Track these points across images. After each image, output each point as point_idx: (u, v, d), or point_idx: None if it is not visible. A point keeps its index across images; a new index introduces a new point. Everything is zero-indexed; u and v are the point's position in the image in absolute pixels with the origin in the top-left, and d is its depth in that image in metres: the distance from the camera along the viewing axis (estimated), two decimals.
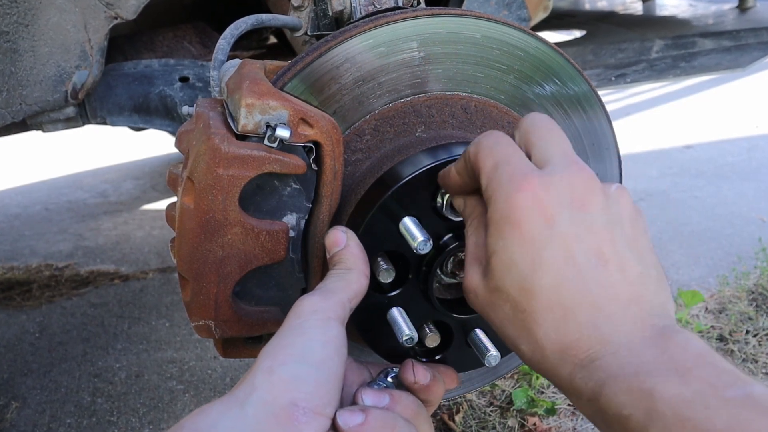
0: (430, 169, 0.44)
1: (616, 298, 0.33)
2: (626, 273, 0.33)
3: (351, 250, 0.42)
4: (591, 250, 0.33)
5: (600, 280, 0.33)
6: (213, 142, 0.42)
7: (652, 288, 0.34)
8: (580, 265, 0.33)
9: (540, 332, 0.33)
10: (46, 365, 1.38)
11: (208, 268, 0.44)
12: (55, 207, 2.40)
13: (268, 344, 0.36)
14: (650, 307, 0.33)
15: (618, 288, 0.33)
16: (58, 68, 0.74)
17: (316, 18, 0.61)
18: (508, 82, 0.50)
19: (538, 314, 0.33)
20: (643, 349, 0.31)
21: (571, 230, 0.33)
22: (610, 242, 0.34)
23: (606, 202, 0.35)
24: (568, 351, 0.33)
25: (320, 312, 0.37)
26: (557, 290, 0.33)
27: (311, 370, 0.33)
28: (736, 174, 2.27)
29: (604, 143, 0.55)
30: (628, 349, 0.31)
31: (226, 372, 1.32)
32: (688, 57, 1.14)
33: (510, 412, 1.13)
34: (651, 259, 0.35)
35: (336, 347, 0.35)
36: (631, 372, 0.30)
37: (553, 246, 0.33)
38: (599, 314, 0.32)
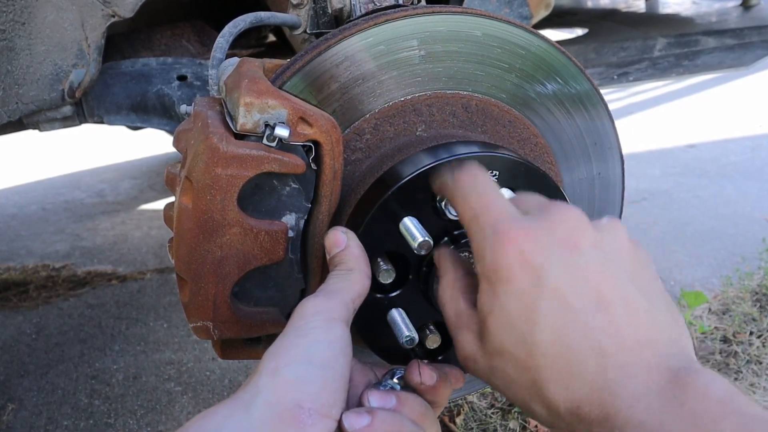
0: (430, 169, 0.44)
1: (623, 344, 0.30)
2: (632, 314, 0.31)
3: (352, 250, 0.42)
4: (589, 295, 0.31)
5: (604, 327, 0.30)
6: (211, 142, 0.41)
7: (664, 325, 0.31)
8: (579, 313, 0.31)
9: (549, 390, 0.31)
10: (42, 366, 1.37)
11: (207, 269, 0.43)
12: (52, 207, 2.39)
13: (272, 346, 0.35)
14: (664, 348, 0.30)
15: (625, 332, 0.30)
16: (54, 67, 0.73)
17: (315, 16, 0.60)
18: (509, 81, 0.50)
19: (544, 371, 0.31)
20: (660, 404, 0.28)
21: (563, 276, 0.31)
22: (609, 282, 0.31)
23: (598, 238, 0.33)
24: (581, 408, 0.30)
25: (323, 313, 0.36)
26: (559, 344, 0.31)
27: (316, 370, 0.33)
28: (740, 173, 2.26)
29: (607, 142, 0.55)
30: (644, 404, 0.28)
31: (225, 373, 1.31)
32: (691, 55, 1.13)
33: (511, 414, 1.12)
34: (658, 293, 0.33)
35: (341, 348, 0.35)
36: (652, 429, 0.28)
37: (546, 297, 0.31)
38: (608, 366, 0.30)
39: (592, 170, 0.55)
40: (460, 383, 0.46)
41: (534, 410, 0.33)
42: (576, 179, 0.55)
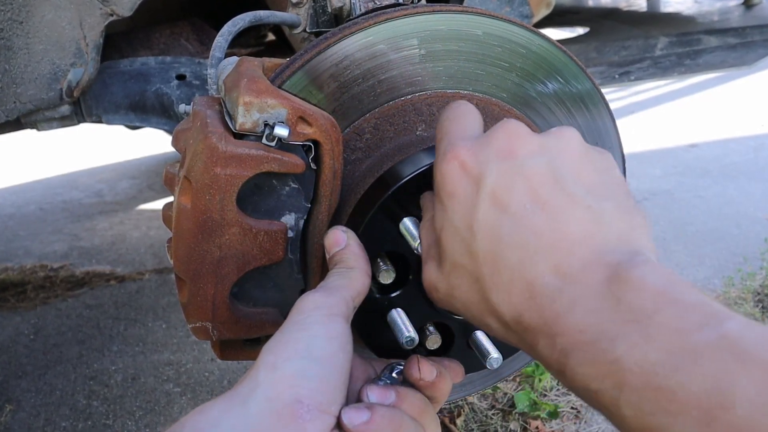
0: (430, 169, 0.44)
1: (559, 243, 0.29)
2: (571, 212, 0.29)
3: (352, 249, 0.41)
4: (524, 196, 0.30)
5: (539, 226, 0.29)
6: (210, 141, 0.41)
7: (606, 220, 0.29)
8: (514, 215, 0.30)
9: (493, 300, 0.30)
10: (40, 367, 1.37)
11: (206, 269, 0.43)
12: (50, 207, 2.38)
13: (270, 340, 0.35)
14: (603, 243, 0.28)
15: (561, 231, 0.29)
16: (53, 66, 0.73)
17: (315, 15, 0.60)
18: (510, 80, 0.50)
19: (487, 279, 0.30)
20: (599, 303, 0.26)
21: (500, 181, 0.30)
22: (548, 182, 0.30)
23: (540, 143, 0.31)
24: (523, 316, 0.29)
25: (323, 308, 0.35)
26: (497, 248, 0.30)
27: (315, 365, 0.32)
28: (742, 173, 2.25)
29: (608, 142, 0.55)
30: (583, 307, 0.27)
31: (224, 374, 1.31)
32: (693, 54, 1.13)
33: (512, 416, 1.12)
34: (610, 191, 0.30)
35: (341, 343, 0.34)
36: (591, 338, 0.26)
37: (483, 203, 0.31)
38: (542, 267, 0.29)
39: None
40: (460, 378, 0.45)
41: (489, 325, 0.32)
42: None
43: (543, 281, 0.29)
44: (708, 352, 0.23)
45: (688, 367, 0.23)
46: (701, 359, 0.23)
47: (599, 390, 0.26)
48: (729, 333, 0.23)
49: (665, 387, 0.23)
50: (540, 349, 0.29)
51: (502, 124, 0.33)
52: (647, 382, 0.24)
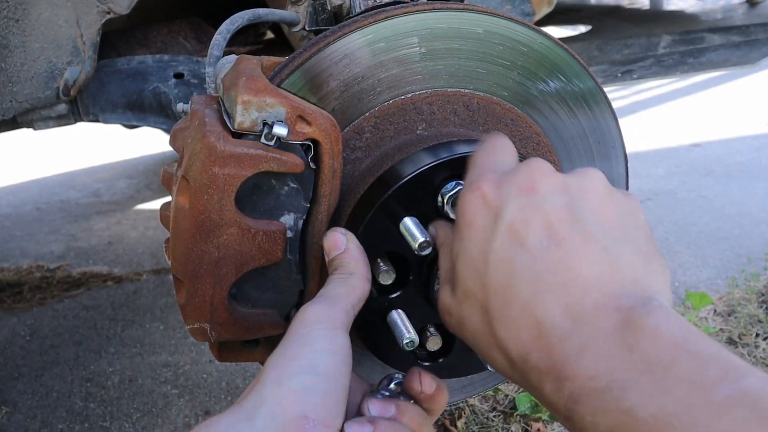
0: (431, 168, 0.43)
1: (572, 282, 0.28)
2: (586, 252, 0.28)
3: (351, 253, 0.41)
4: (541, 231, 0.29)
5: (553, 263, 0.28)
6: (208, 140, 0.41)
7: (621, 263, 0.28)
8: (530, 250, 0.29)
9: (501, 334, 0.30)
10: (37, 369, 1.36)
11: (204, 270, 0.43)
12: (47, 207, 2.37)
13: (273, 354, 0.35)
14: (618, 287, 0.28)
15: (576, 270, 0.28)
16: (49, 64, 0.72)
17: (314, 13, 0.60)
18: (511, 79, 0.50)
19: (497, 313, 0.30)
20: (610, 350, 0.26)
21: (519, 215, 0.30)
22: (567, 220, 0.29)
23: (563, 181, 0.31)
24: (530, 355, 0.29)
25: (326, 321, 0.36)
26: (509, 281, 0.29)
27: (320, 381, 0.33)
28: (746, 173, 2.24)
29: (610, 141, 0.54)
30: (593, 352, 0.26)
31: (222, 376, 1.30)
32: (696, 53, 1.13)
33: (513, 417, 1.12)
34: (631, 235, 0.30)
35: (343, 357, 0.34)
36: (602, 386, 0.25)
37: (501, 235, 0.30)
38: (556, 304, 0.28)
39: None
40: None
41: (495, 360, 0.31)
42: None
43: (553, 320, 0.28)
44: (728, 409, 0.22)
45: (707, 423, 0.22)
46: (721, 415, 0.22)
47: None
48: (749, 389, 0.23)
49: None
50: (546, 393, 0.28)
51: (528, 162, 0.33)
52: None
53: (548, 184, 0.31)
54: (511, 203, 0.31)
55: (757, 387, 0.23)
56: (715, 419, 0.22)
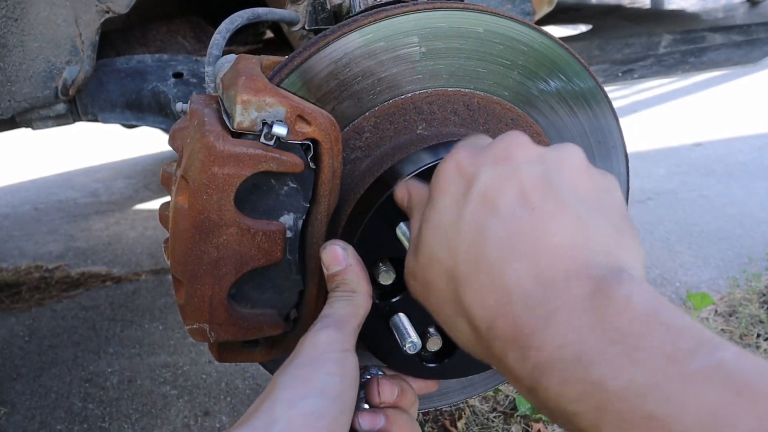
0: (431, 168, 0.43)
1: (544, 250, 0.27)
2: (559, 219, 0.27)
3: (354, 270, 0.41)
4: (514, 197, 0.28)
5: (525, 230, 0.27)
6: (208, 140, 0.40)
7: (594, 234, 0.27)
8: (502, 217, 0.28)
9: (467, 300, 0.29)
10: (35, 370, 1.35)
11: (203, 270, 0.42)
12: (45, 207, 2.36)
13: (284, 374, 0.36)
14: (590, 256, 0.27)
15: (548, 237, 0.27)
16: (48, 64, 0.72)
17: (313, 12, 0.60)
18: (511, 78, 0.49)
19: (464, 279, 0.29)
20: (580, 319, 0.25)
21: (492, 183, 0.29)
22: (541, 188, 0.29)
23: (541, 153, 0.30)
24: (496, 323, 0.27)
25: (336, 344, 0.37)
26: (479, 248, 0.28)
27: (330, 404, 0.34)
28: (747, 173, 2.23)
29: (611, 141, 0.54)
30: (562, 320, 0.25)
31: (222, 377, 1.30)
32: (698, 52, 1.13)
33: (514, 418, 1.11)
34: (605, 208, 0.29)
35: (351, 380, 0.36)
36: (570, 355, 0.24)
37: (473, 202, 0.29)
38: (526, 271, 0.27)
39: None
40: (436, 386, 0.47)
41: (459, 329, 0.30)
42: None
43: (522, 287, 0.27)
44: (701, 380, 0.22)
45: (681, 396, 0.21)
46: (694, 387, 0.21)
47: (577, 413, 0.24)
48: (724, 362, 0.22)
49: (656, 416, 0.22)
50: (509, 362, 0.27)
51: (506, 134, 0.33)
52: (634, 409, 0.22)
53: (524, 154, 0.30)
54: (485, 171, 0.30)
55: (732, 360, 0.22)
56: (689, 391, 0.21)
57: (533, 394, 0.26)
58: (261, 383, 1.25)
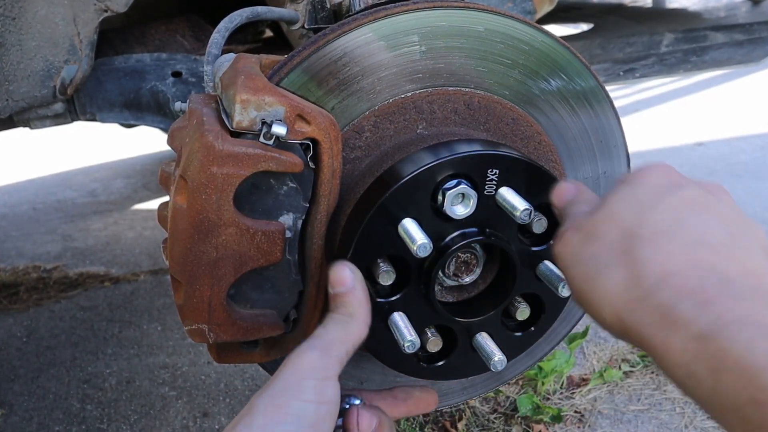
0: (431, 168, 0.43)
1: (747, 251, 0.31)
2: (752, 245, 0.32)
3: (356, 294, 0.42)
4: (715, 215, 0.33)
5: (728, 240, 0.32)
6: (207, 140, 0.40)
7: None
8: (705, 221, 0.32)
9: (643, 253, 0.32)
10: (33, 371, 1.35)
11: (202, 270, 0.42)
12: (43, 207, 2.35)
13: (262, 396, 0.37)
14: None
15: (748, 252, 0.31)
16: (46, 63, 0.72)
17: (313, 10, 0.59)
18: (512, 77, 0.49)
19: (650, 238, 0.32)
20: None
21: (700, 197, 0.34)
22: (736, 220, 0.34)
23: (733, 206, 0.36)
24: (672, 277, 0.30)
25: (318, 371, 0.38)
26: (678, 226, 0.32)
27: (306, 430, 0.35)
28: (750, 173, 2.22)
29: (612, 140, 0.54)
30: (757, 300, 0.27)
31: (220, 378, 1.30)
32: (699, 51, 1.13)
33: (514, 420, 1.11)
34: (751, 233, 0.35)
35: (329, 409, 0.37)
36: (765, 326, 0.26)
37: (678, 197, 0.34)
38: (721, 256, 0.30)
39: (598, 169, 0.54)
40: (432, 407, 0.47)
41: (610, 275, 0.32)
42: (581, 178, 0.54)
43: (715, 265, 0.30)
44: None
45: None
46: None
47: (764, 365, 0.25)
48: None
49: None
50: (679, 310, 0.28)
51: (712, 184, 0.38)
52: None
53: (725, 197, 0.36)
54: (695, 188, 0.35)
55: None
56: None
57: (701, 340, 0.27)
58: (260, 384, 1.25)
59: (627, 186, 0.36)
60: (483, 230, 0.45)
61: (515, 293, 0.48)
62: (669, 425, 1.11)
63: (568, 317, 0.57)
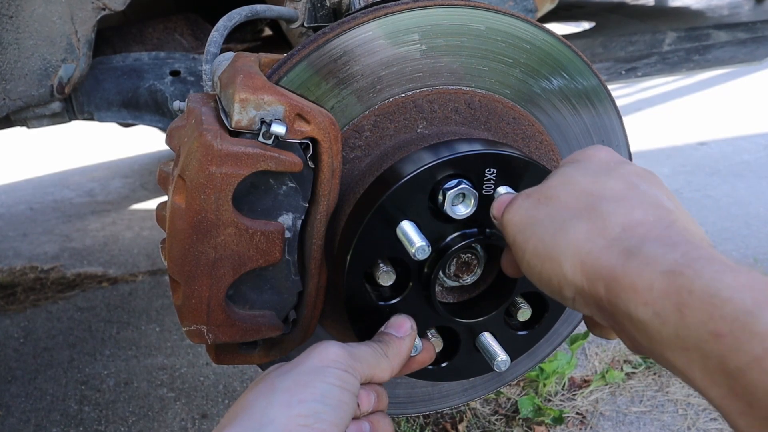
0: (431, 168, 0.43)
1: (692, 220, 0.34)
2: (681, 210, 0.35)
3: (402, 344, 0.43)
4: (661, 189, 0.36)
5: (677, 207, 0.34)
6: (205, 139, 0.40)
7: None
8: (655, 190, 0.35)
9: (606, 207, 0.33)
10: (31, 372, 1.34)
11: (200, 271, 0.42)
12: (41, 207, 2.35)
13: (284, 378, 0.37)
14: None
15: (693, 221, 0.34)
16: (43, 62, 0.71)
17: (313, 9, 0.59)
18: (513, 76, 0.49)
19: (610, 197, 0.34)
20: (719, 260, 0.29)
21: (644, 173, 0.37)
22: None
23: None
24: (637, 226, 0.32)
25: (343, 363, 0.38)
26: (634, 190, 0.35)
27: (329, 410, 0.35)
28: (753, 172, 2.21)
29: (614, 140, 0.54)
30: (712, 255, 0.29)
31: (219, 379, 1.29)
32: (702, 50, 1.12)
33: (516, 421, 1.11)
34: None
35: (351, 395, 0.37)
36: (729, 264, 0.28)
37: (630, 169, 0.37)
38: (676, 216, 0.33)
39: None
40: (428, 360, 0.47)
41: (574, 227, 0.34)
42: None
43: (674, 219, 0.33)
44: None
45: None
46: None
47: (730, 298, 0.26)
48: None
49: None
50: (646, 251, 0.30)
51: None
52: None
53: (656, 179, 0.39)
54: (635, 164, 0.38)
55: None
56: None
57: (671, 275, 0.28)
58: None
59: (576, 160, 0.39)
60: (483, 230, 0.44)
61: (516, 293, 0.48)
62: (671, 427, 1.11)
63: (569, 318, 0.56)
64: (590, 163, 0.38)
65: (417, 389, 0.56)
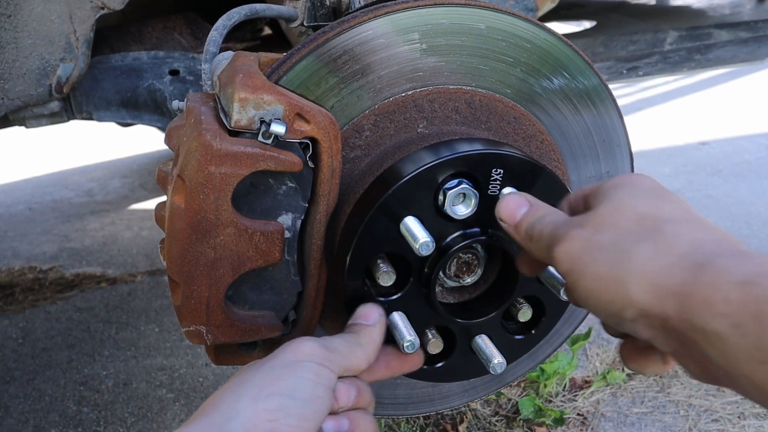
0: (432, 167, 0.43)
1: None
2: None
3: (372, 332, 0.42)
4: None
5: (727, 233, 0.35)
6: (204, 139, 0.40)
7: None
8: (702, 217, 0.35)
9: (670, 228, 0.34)
10: (29, 372, 1.34)
11: (200, 271, 0.42)
12: (39, 206, 2.34)
13: (254, 373, 0.36)
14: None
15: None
16: (42, 61, 0.71)
17: (312, 8, 0.59)
18: (514, 76, 0.49)
19: (671, 220, 0.34)
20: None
21: (685, 202, 0.38)
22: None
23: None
24: (705, 244, 0.32)
25: (318, 358, 0.38)
26: (690, 214, 0.35)
27: (299, 404, 0.34)
28: (754, 172, 2.21)
29: (615, 139, 0.54)
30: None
31: (219, 380, 1.29)
32: (704, 49, 1.12)
33: (516, 422, 1.11)
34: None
35: (325, 389, 0.36)
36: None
37: (676, 196, 0.38)
38: (734, 241, 0.33)
39: (600, 168, 0.54)
40: (416, 365, 0.46)
41: (638, 249, 0.33)
42: (584, 178, 0.54)
43: (739, 250, 0.33)
44: None
45: None
46: None
47: None
48: None
49: None
50: (720, 263, 0.30)
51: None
52: None
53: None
54: (676, 193, 0.39)
55: None
56: None
57: (745, 286, 0.28)
58: None
59: (623, 186, 0.38)
60: (485, 230, 0.44)
61: (517, 295, 0.48)
62: (673, 428, 1.10)
63: (570, 319, 0.56)
64: (638, 188, 0.38)
65: (417, 390, 0.55)
